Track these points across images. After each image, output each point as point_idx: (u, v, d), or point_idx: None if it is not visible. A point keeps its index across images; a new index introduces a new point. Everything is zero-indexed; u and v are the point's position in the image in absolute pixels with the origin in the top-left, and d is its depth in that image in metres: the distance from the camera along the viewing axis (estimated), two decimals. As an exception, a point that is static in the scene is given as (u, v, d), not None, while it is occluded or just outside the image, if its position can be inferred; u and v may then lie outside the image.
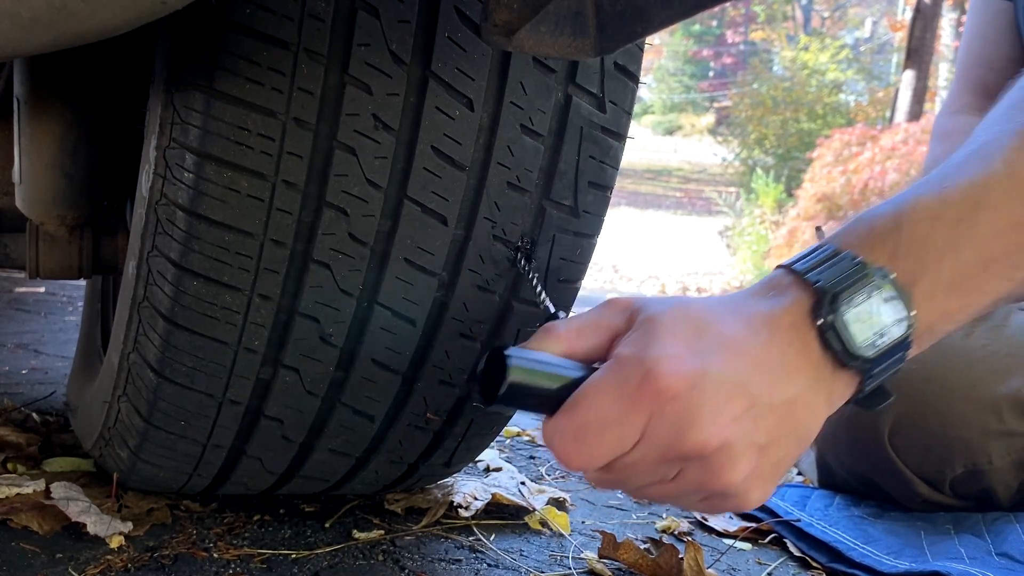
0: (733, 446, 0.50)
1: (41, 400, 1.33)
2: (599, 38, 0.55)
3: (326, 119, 0.66)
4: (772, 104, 15.21)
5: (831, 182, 7.62)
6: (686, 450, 0.49)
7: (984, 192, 0.53)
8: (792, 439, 0.52)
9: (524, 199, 0.73)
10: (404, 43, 0.66)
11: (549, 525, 0.98)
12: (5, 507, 0.86)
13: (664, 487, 0.53)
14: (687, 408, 0.48)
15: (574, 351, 0.54)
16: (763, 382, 0.50)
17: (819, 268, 0.52)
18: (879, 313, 0.51)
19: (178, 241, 0.68)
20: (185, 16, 0.63)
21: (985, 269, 0.53)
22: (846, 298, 0.51)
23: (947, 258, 0.52)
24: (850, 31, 22.79)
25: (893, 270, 0.52)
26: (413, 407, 0.80)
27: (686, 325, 0.51)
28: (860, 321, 0.51)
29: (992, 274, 0.53)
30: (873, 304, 0.51)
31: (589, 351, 0.54)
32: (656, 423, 0.49)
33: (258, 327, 0.71)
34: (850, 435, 1.11)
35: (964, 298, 0.53)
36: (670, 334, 0.50)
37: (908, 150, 7.38)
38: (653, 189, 18.61)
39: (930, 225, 0.53)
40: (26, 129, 0.90)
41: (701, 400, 0.49)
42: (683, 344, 0.50)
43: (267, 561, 0.82)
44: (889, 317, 0.51)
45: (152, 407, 0.76)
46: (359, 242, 0.70)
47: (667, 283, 6.71)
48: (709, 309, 0.52)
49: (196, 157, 0.65)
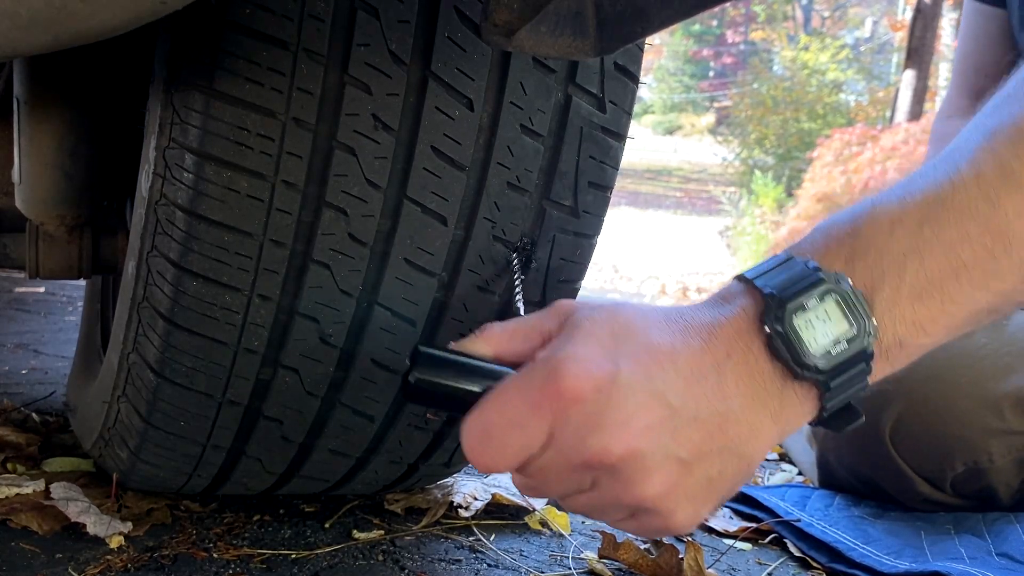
0: (644, 457, 0.46)
1: (41, 400, 1.33)
2: (599, 38, 0.55)
3: (326, 119, 0.66)
4: (772, 104, 15.21)
5: (831, 182, 7.62)
6: (588, 456, 0.46)
7: (949, 194, 0.49)
8: (728, 457, 0.48)
9: (524, 199, 0.73)
10: (404, 43, 0.66)
11: (549, 525, 0.98)
12: (5, 507, 0.86)
13: (584, 498, 0.51)
14: (591, 412, 0.46)
15: (503, 353, 0.52)
16: (687, 393, 0.47)
17: (770, 274, 0.49)
18: (833, 320, 0.48)
19: (178, 241, 0.68)
20: (185, 16, 0.63)
21: (956, 277, 0.48)
22: (796, 303, 0.47)
23: (910, 264, 0.48)
24: (850, 31, 22.79)
25: (849, 275, 0.49)
26: (413, 407, 0.80)
27: (608, 329, 0.48)
28: (811, 328, 0.47)
29: (964, 283, 0.49)
30: (825, 309, 0.48)
31: (518, 354, 0.52)
32: (560, 427, 0.46)
33: (258, 327, 0.71)
34: (851, 434, 1.11)
35: (934, 308, 0.49)
36: (587, 337, 0.48)
37: (908, 150, 7.38)
38: (653, 189, 18.61)
39: (890, 230, 0.49)
40: (26, 129, 0.90)
41: (607, 405, 0.46)
42: (597, 347, 0.47)
43: (267, 561, 0.82)
44: (844, 325, 0.48)
45: (152, 407, 0.76)
46: (359, 242, 0.70)
47: (667, 283, 6.71)
48: (642, 316, 0.50)
49: (196, 157, 0.65)
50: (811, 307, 0.48)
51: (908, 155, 7.32)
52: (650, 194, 17.96)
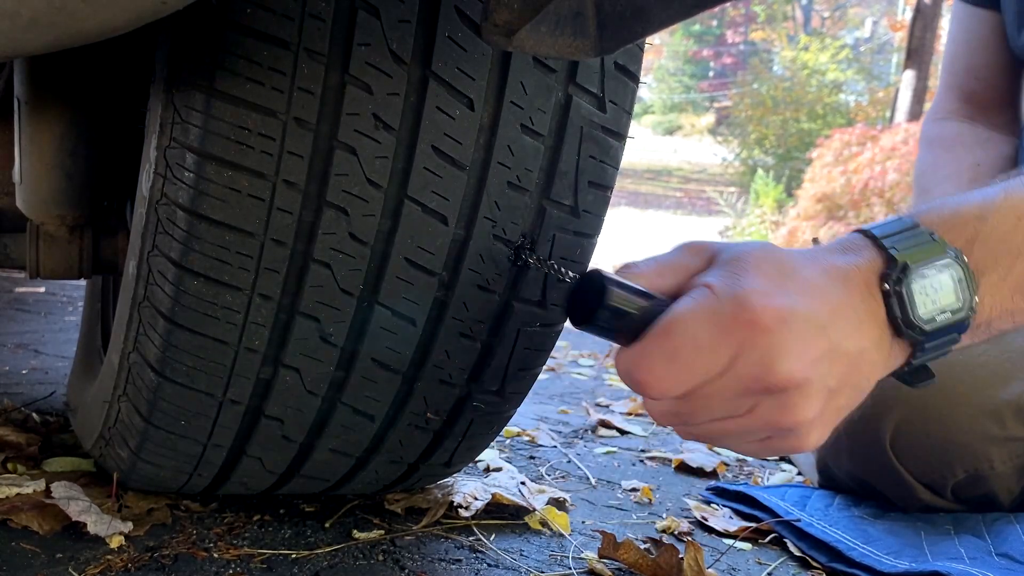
0: (812, 384, 0.51)
1: (41, 400, 1.33)
2: (599, 38, 0.55)
3: (326, 119, 0.66)
4: (772, 104, 15.22)
5: (831, 182, 7.62)
6: (770, 383, 0.50)
7: None
8: (855, 390, 0.54)
9: (524, 199, 0.73)
10: (404, 43, 0.66)
11: (549, 525, 0.98)
12: (5, 507, 0.86)
13: (730, 423, 0.54)
14: (777, 342, 0.50)
15: (653, 289, 0.55)
16: (841, 329, 0.52)
17: (896, 236, 0.54)
18: (944, 291, 0.53)
19: (178, 241, 0.68)
20: (185, 16, 0.63)
21: None
22: (917, 270, 0.52)
23: (1022, 258, 0.54)
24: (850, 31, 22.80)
25: (967, 255, 0.54)
26: (413, 407, 0.80)
27: (773, 266, 0.52)
28: (924, 294, 0.52)
29: None
30: (941, 281, 0.53)
31: (667, 290, 0.55)
32: (747, 353, 0.50)
33: (258, 327, 0.71)
34: (851, 440, 1.11)
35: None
36: (760, 271, 0.51)
37: (908, 150, 7.38)
38: (653, 189, 18.62)
39: (1015, 224, 0.54)
40: (26, 129, 0.90)
41: (790, 336, 0.50)
42: (773, 282, 0.51)
43: (267, 561, 0.82)
44: (953, 297, 0.53)
45: (152, 407, 0.76)
46: (359, 242, 0.70)
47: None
48: (790, 255, 0.54)
49: (197, 157, 0.65)
50: (929, 276, 0.53)
51: (908, 155, 7.32)
52: (650, 194, 17.97)
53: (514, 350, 0.80)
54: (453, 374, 0.79)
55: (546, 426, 1.50)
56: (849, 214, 7.47)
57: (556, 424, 1.55)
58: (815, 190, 7.71)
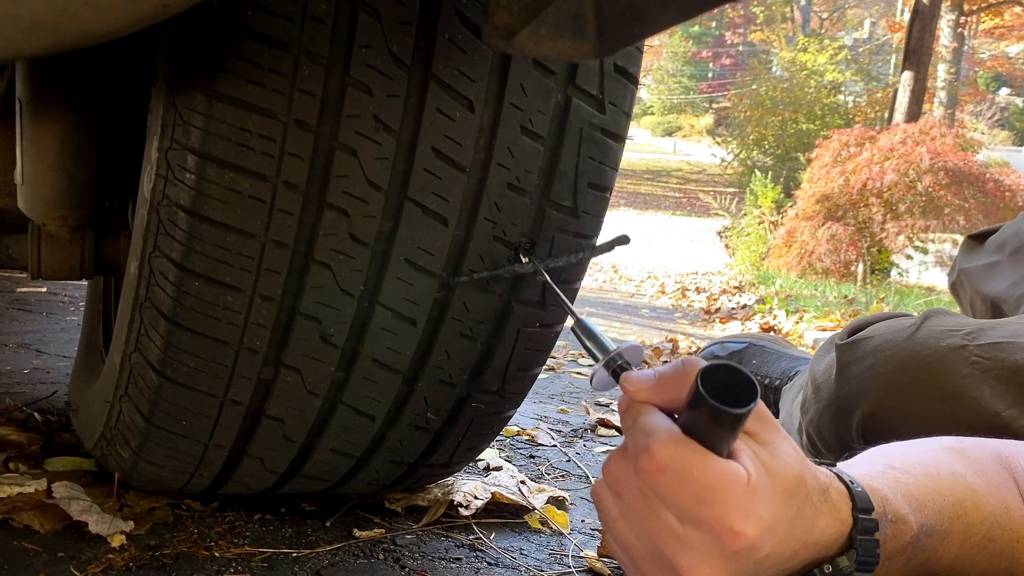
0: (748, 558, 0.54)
1: (43, 400, 1.33)
2: (599, 40, 0.56)
3: (327, 120, 0.66)
4: (771, 105, 15.22)
5: (829, 183, 7.61)
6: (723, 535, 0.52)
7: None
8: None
9: (524, 200, 0.74)
10: (405, 45, 0.66)
11: (549, 524, 0.99)
12: (7, 506, 0.86)
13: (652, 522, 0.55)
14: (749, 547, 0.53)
15: (657, 401, 0.56)
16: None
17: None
18: None
19: (180, 242, 0.68)
20: (187, 18, 0.63)
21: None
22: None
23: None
24: (849, 32, 22.81)
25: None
26: (414, 407, 0.81)
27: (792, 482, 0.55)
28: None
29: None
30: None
31: (668, 403, 0.56)
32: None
33: (259, 327, 0.72)
34: (831, 420, 1.11)
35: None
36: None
37: (906, 150, 7.37)
38: (653, 190, 18.63)
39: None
40: (28, 130, 0.91)
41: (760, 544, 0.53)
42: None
43: (268, 560, 0.82)
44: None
45: (154, 407, 0.77)
46: (360, 243, 0.70)
47: (666, 283, 6.71)
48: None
49: (198, 158, 0.66)
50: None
51: (906, 155, 7.32)
52: (649, 195, 17.97)
53: (514, 350, 0.80)
54: (453, 374, 0.79)
55: (546, 425, 1.51)
56: (848, 214, 7.47)
57: (556, 423, 1.55)
58: (814, 190, 7.71)
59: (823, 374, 1.08)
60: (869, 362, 1.00)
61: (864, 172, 7.41)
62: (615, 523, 0.55)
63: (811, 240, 7.44)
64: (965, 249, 1.35)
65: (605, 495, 0.56)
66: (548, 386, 1.96)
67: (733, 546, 0.51)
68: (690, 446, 0.51)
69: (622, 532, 0.55)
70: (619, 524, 0.55)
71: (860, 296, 5.39)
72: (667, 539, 0.52)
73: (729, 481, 0.51)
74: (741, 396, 0.49)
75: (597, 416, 1.61)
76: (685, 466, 0.50)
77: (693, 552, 0.51)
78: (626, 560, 0.56)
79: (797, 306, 4.53)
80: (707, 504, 0.50)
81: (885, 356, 0.98)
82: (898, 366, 0.96)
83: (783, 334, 3.64)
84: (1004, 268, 1.25)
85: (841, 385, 1.03)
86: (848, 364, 1.02)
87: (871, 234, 7.44)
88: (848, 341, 1.04)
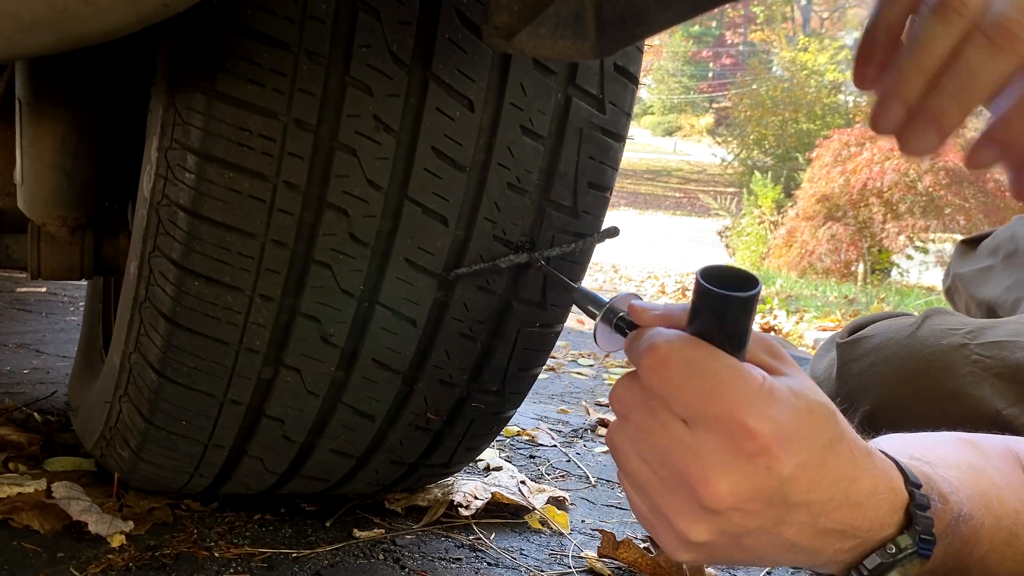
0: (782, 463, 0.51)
1: (43, 400, 1.33)
2: (599, 40, 0.56)
3: (327, 120, 0.66)
4: (771, 105, 15.24)
5: (830, 182, 7.62)
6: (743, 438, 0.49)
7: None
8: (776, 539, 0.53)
9: (524, 200, 0.74)
10: (405, 45, 0.66)
11: (549, 524, 0.99)
12: (7, 506, 0.86)
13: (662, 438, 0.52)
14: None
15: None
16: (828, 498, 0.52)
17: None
18: None
19: (179, 242, 0.68)
20: (187, 18, 0.63)
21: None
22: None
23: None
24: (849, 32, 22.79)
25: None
26: (414, 407, 0.81)
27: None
28: None
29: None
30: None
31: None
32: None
33: (259, 327, 0.72)
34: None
35: None
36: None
37: (907, 150, 7.37)
38: (653, 189, 18.63)
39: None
40: (27, 130, 0.91)
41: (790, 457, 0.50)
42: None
43: (268, 560, 0.82)
44: None
45: (153, 407, 0.77)
46: (360, 242, 0.70)
47: (666, 283, 6.72)
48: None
49: (197, 158, 0.66)
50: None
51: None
52: (650, 195, 17.98)
53: (514, 350, 0.80)
54: (453, 374, 0.79)
55: (546, 425, 1.51)
56: (848, 214, 7.48)
57: (556, 423, 1.55)
58: (814, 190, 7.71)
59: (824, 373, 1.08)
60: (870, 361, 1.00)
61: (864, 172, 7.42)
62: (627, 457, 0.52)
63: (811, 240, 7.45)
64: (959, 254, 1.35)
65: (614, 429, 0.53)
66: (548, 386, 1.96)
67: (747, 447, 0.47)
68: (698, 342, 0.48)
69: (635, 466, 0.51)
70: (631, 458, 0.51)
71: (860, 296, 5.39)
72: (679, 452, 0.48)
73: (741, 375, 0.47)
74: (743, 288, 0.48)
75: (597, 416, 1.61)
76: (692, 358, 0.48)
77: (707, 461, 0.47)
78: (641, 503, 0.52)
79: (797, 306, 4.54)
80: (716, 397, 0.47)
81: (886, 355, 0.98)
82: (899, 365, 0.97)
83: (783, 334, 3.64)
84: (998, 272, 1.25)
85: (842, 384, 1.03)
86: (849, 363, 1.02)
87: (871, 234, 7.44)
88: (849, 340, 1.04)
